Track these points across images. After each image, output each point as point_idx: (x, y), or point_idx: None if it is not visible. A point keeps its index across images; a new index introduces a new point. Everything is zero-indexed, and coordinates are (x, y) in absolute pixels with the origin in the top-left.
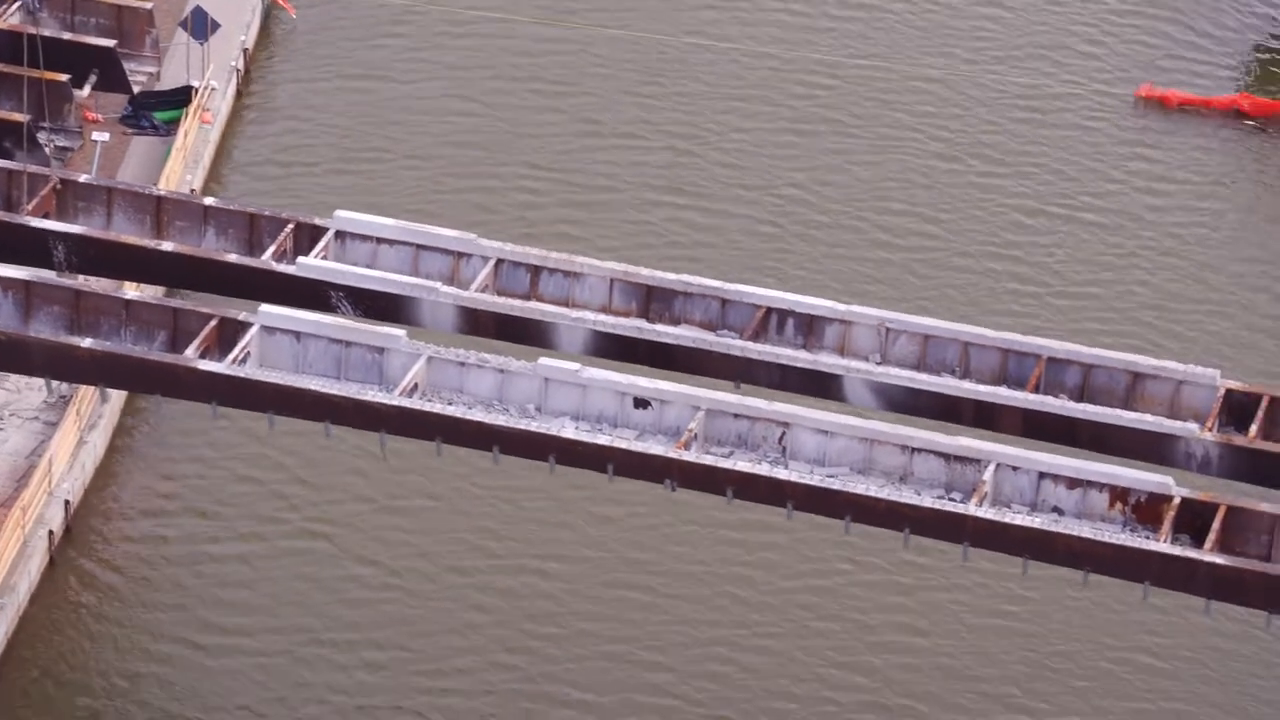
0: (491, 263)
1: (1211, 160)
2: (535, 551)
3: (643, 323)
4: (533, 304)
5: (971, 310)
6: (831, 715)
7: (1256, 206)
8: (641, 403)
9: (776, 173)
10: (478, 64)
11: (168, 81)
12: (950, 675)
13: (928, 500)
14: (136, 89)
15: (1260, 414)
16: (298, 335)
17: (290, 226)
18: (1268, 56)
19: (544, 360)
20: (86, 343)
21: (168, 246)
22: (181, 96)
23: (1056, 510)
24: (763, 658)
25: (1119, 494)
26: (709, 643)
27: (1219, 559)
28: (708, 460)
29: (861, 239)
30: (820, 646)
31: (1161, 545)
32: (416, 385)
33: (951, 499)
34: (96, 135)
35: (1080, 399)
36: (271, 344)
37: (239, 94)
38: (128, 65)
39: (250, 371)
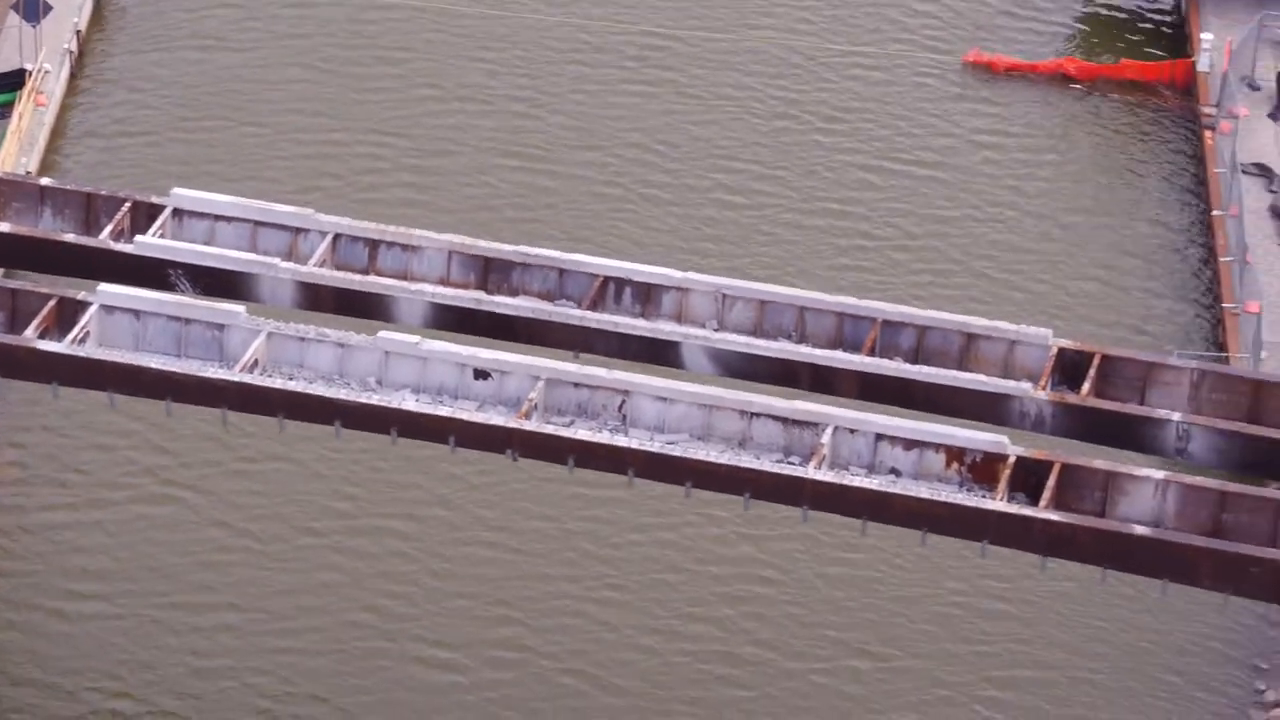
0: (329, 238)
1: (1039, 123)
2: (386, 510)
3: (481, 294)
4: (371, 278)
5: (812, 265)
6: (683, 665)
7: (1084, 167)
8: (481, 374)
9: (617, 134)
10: (313, 31)
11: (0, 65)
12: (799, 623)
13: (767, 464)
14: None
15: (1092, 372)
16: (137, 314)
17: (127, 205)
18: (1092, 21)
19: (383, 333)
20: None
21: (4, 228)
22: (14, 80)
23: (894, 471)
24: (613, 609)
25: (955, 454)
26: (559, 596)
27: (1054, 516)
28: (548, 430)
29: (703, 198)
30: (670, 598)
31: (997, 504)
32: (257, 361)
33: (790, 463)
34: None
35: (915, 361)
36: (111, 323)
37: (73, 75)
38: None
39: (90, 351)
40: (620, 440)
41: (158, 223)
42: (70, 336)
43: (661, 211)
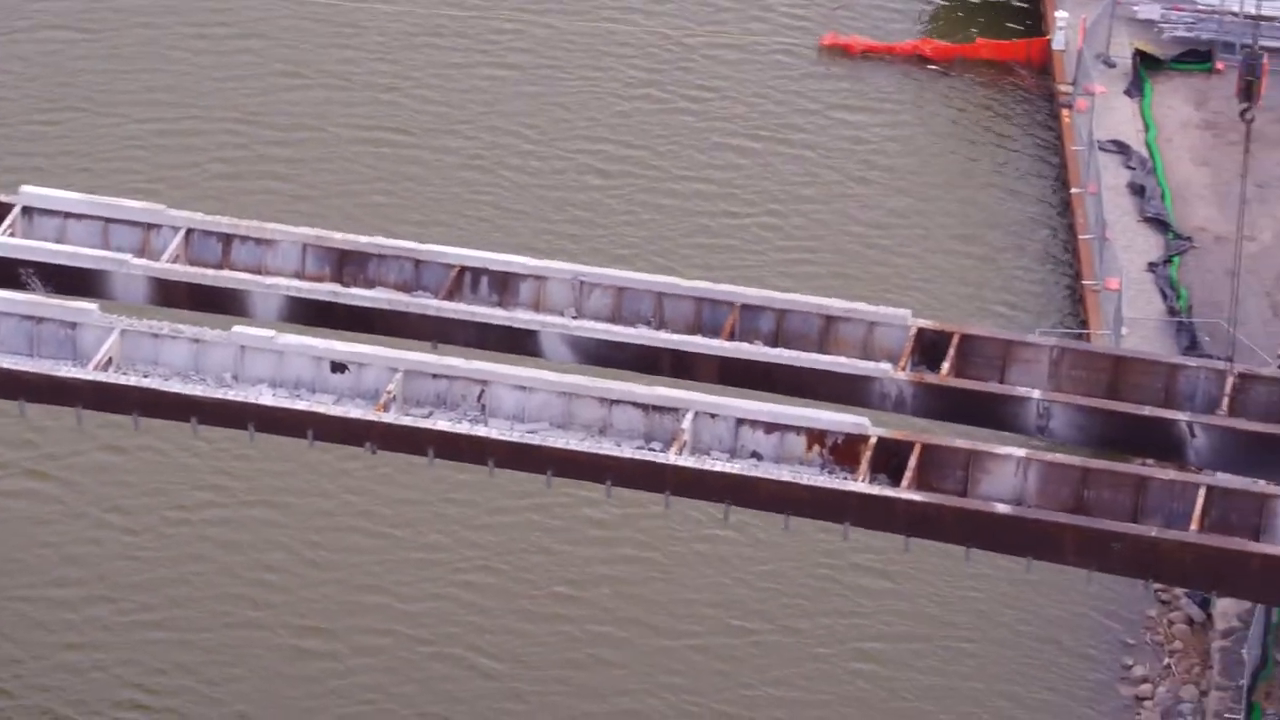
0: (182, 233)
1: (897, 105)
2: (254, 496)
3: (337, 287)
4: (225, 273)
5: (676, 244)
6: (554, 643)
7: (942, 148)
8: (339, 367)
9: (478, 116)
10: (167, 12)
11: None
12: (671, 599)
13: (628, 451)
14: None
15: (952, 351)
16: None
17: None
18: (948, 2)
19: (238, 328)
20: None
21: None
22: None
23: (755, 455)
24: (483, 591)
25: (816, 436)
26: (429, 579)
27: (916, 496)
28: (407, 421)
29: (566, 178)
30: (540, 578)
31: (859, 485)
32: (111, 359)
33: (651, 449)
34: None
35: (775, 344)
36: None
37: None
38: None
39: None
40: (480, 430)
41: (7, 221)
42: None
43: (524, 193)
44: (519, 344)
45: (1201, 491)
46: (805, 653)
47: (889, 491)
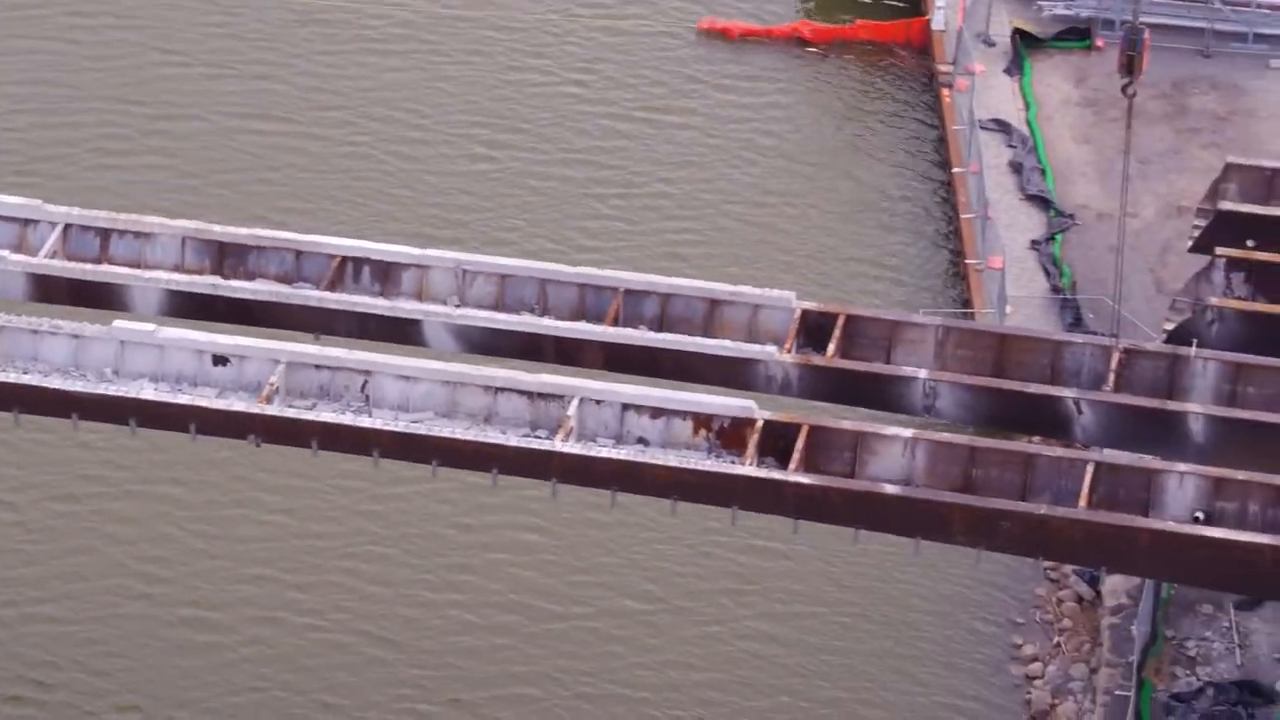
0: (59, 228)
1: (778, 88)
2: (145, 476)
3: (218, 279)
4: (104, 267)
5: (562, 228)
6: (453, 616)
7: (824, 130)
8: (220, 359)
9: (361, 100)
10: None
11: None
12: (567, 570)
13: (514, 439)
14: None
15: (837, 333)
16: None
17: None
18: None
19: (118, 323)
20: None
21: None
22: None
23: (642, 441)
24: (378, 565)
25: (702, 421)
26: (323, 553)
27: (804, 478)
28: (290, 413)
29: (451, 159)
30: (437, 550)
31: (747, 469)
32: None
33: (537, 436)
34: None
35: (660, 329)
36: None
37: None
38: None
39: None
40: (364, 421)
41: None
42: None
43: (407, 178)
44: (402, 333)
45: (1089, 468)
46: (698, 630)
47: (777, 474)
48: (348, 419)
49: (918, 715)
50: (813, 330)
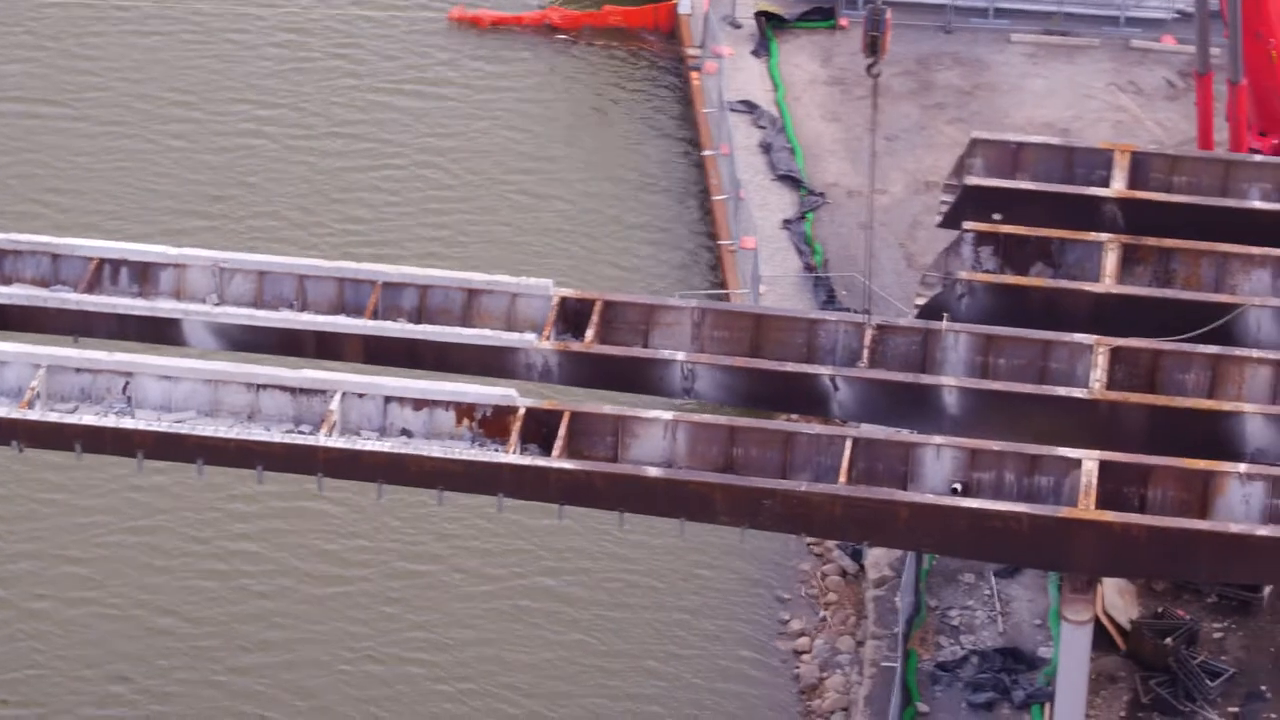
0: None
1: (529, 75)
2: None
3: None
4: None
5: (321, 221)
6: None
7: (576, 116)
8: None
9: (126, 75)
10: None
11: None
12: (336, 546)
13: (277, 435)
14: None
15: (595, 318)
16: None
17: None
18: None
19: None
20: None
21: None
22: None
23: (406, 433)
24: (146, 550)
25: (465, 410)
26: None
27: (567, 464)
28: (53, 417)
29: (219, 142)
30: (213, 533)
31: (510, 457)
32: None
33: (301, 432)
34: None
35: (419, 321)
36: None
37: None
38: None
39: None
40: (127, 422)
41: None
42: None
43: (181, 156)
44: (162, 333)
45: (848, 444)
46: (463, 593)
47: (540, 461)
48: (110, 421)
49: (687, 693)
50: (571, 317)
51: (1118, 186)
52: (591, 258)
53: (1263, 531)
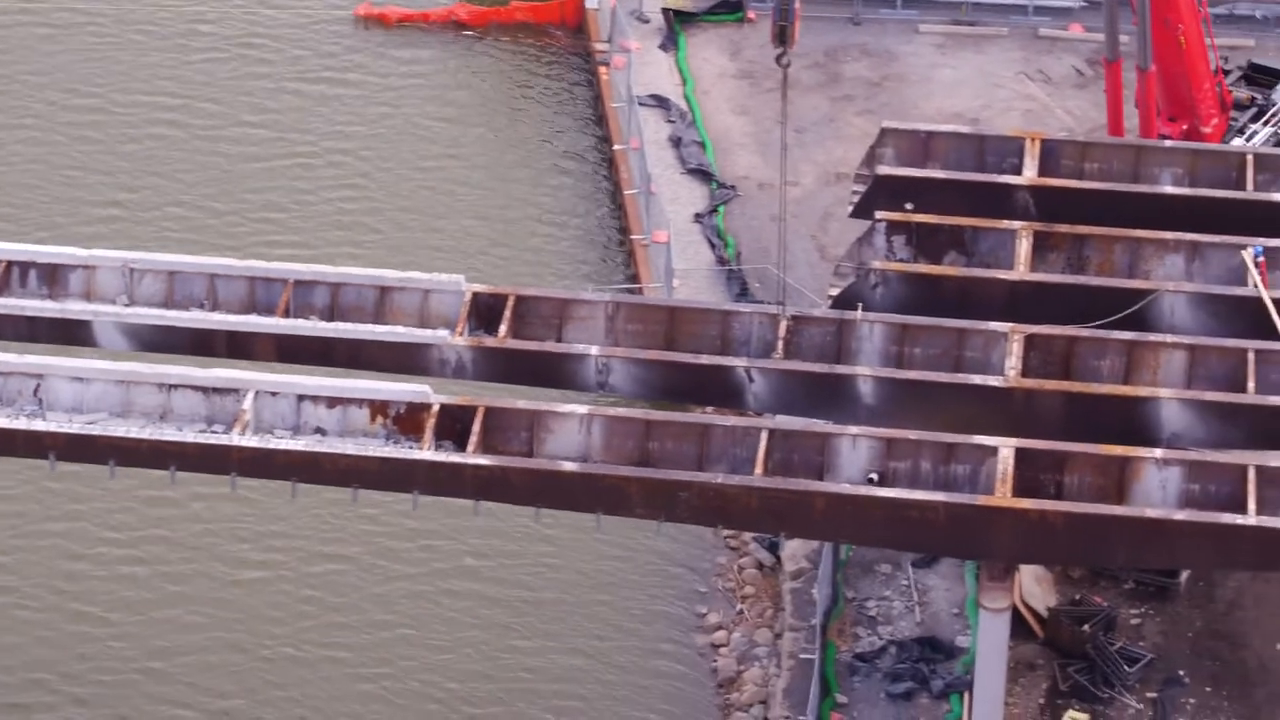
0: None
1: (437, 72)
2: None
3: None
4: None
5: (235, 221)
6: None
7: (485, 112)
8: None
9: (33, 72)
10: None
11: None
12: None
13: (190, 435)
14: None
15: (508, 313)
16: None
17: None
18: None
19: None
20: None
21: None
22: None
23: (320, 431)
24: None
25: (379, 408)
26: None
27: (482, 460)
28: None
29: (129, 131)
30: (96, 523)
31: (425, 453)
32: None
33: (214, 431)
34: None
35: (332, 318)
36: None
37: None
38: None
39: None
40: (38, 425)
41: None
42: None
43: (90, 153)
44: (72, 335)
45: (764, 435)
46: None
47: (455, 458)
48: (21, 423)
49: (605, 689)
50: (484, 312)
51: (1029, 174)
52: (504, 253)
53: (1180, 516)
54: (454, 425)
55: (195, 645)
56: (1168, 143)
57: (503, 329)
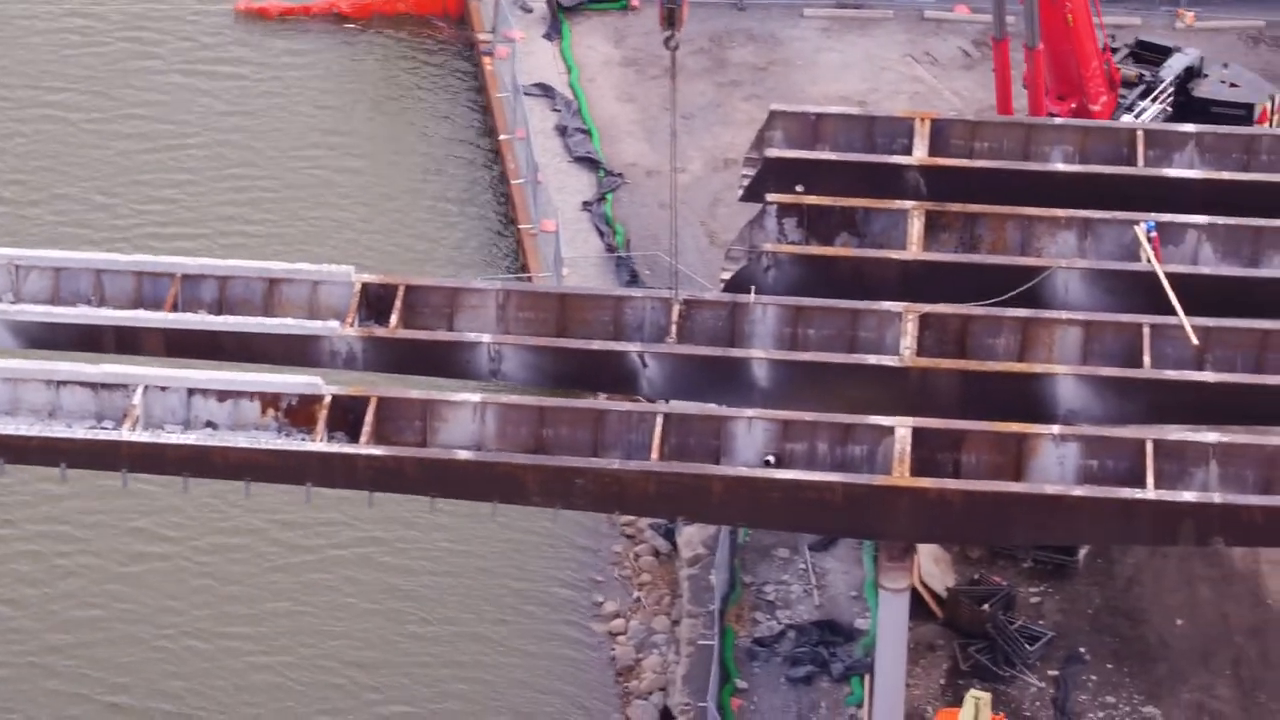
0: None
1: (320, 64)
2: None
3: None
4: None
5: (117, 215)
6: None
7: (369, 104)
8: None
9: None
10: None
11: None
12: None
13: (80, 432)
14: None
15: (398, 303)
16: None
17: None
18: None
19: None
20: None
21: None
22: None
23: (210, 425)
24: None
25: (270, 400)
26: None
27: (376, 450)
28: None
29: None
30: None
31: (318, 445)
32: None
33: (104, 428)
34: None
35: (220, 312)
36: None
37: None
38: None
39: None
40: None
41: None
42: None
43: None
44: None
45: (659, 420)
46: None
47: (348, 449)
48: None
49: (503, 679)
50: (374, 303)
51: (919, 154)
52: (392, 244)
53: (1079, 492)
54: (346, 416)
55: (90, 638)
56: (1058, 120)
57: (393, 319)
